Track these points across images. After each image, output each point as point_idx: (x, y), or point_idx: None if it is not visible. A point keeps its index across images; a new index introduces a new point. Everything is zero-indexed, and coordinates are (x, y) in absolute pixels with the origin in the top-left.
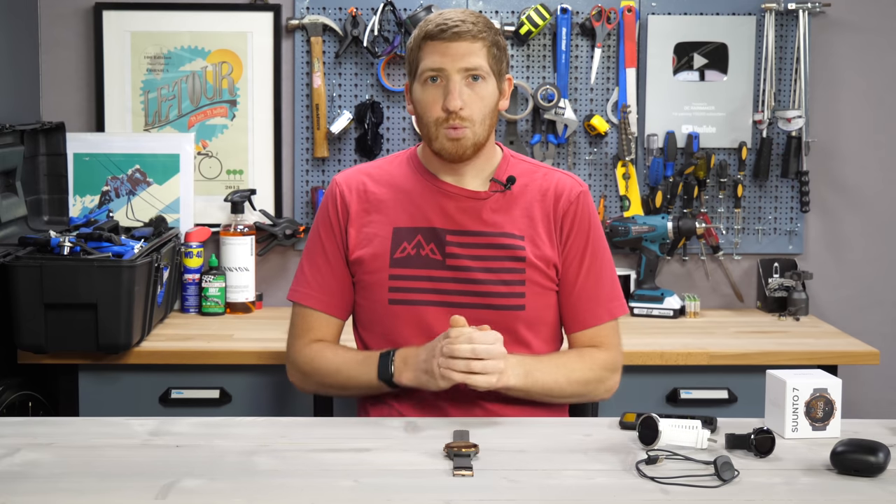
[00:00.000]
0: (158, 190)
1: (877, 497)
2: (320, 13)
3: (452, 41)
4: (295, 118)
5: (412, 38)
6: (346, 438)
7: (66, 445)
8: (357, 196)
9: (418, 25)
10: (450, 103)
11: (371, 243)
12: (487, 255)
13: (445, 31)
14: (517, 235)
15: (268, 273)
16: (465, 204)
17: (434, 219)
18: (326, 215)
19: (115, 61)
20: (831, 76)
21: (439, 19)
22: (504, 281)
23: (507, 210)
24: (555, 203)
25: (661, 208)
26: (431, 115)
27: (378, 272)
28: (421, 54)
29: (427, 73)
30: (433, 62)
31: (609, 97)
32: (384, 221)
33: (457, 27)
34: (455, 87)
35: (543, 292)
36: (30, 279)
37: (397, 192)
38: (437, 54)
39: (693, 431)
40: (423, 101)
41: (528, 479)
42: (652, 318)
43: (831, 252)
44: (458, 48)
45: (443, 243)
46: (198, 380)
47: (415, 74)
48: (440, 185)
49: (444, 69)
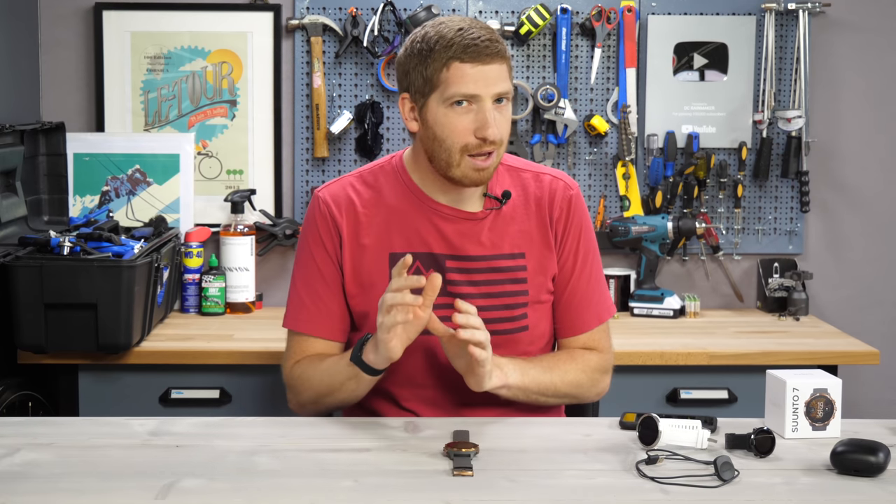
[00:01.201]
0: (158, 190)
1: (877, 497)
2: (320, 13)
3: (485, 64)
4: (295, 118)
5: (427, 50)
6: (346, 438)
7: (66, 445)
8: (347, 218)
9: (425, 36)
10: (489, 133)
11: (367, 271)
12: (488, 279)
13: (479, 54)
14: (518, 254)
15: (268, 273)
16: (462, 227)
17: (432, 244)
18: (318, 235)
19: (115, 61)
20: (831, 76)
21: (464, 37)
22: (506, 305)
23: (504, 228)
24: (549, 208)
25: (661, 208)
26: (459, 141)
27: (374, 302)
28: (448, 75)
29: (458, 97)
30: (466, 87)
31: (609, 97)
32: (378, 247)
33: (487, 48)
34: (490, 115)
35: (542, 307)
36: (30, 279)
37: (389, 212)
38: (471, 79)
39: (693, 431)
40: (448, 126)
41: (528, 479)
42: (652, 318)
43: (831, 252)
44: (491, 72)
45: (442, 270)
46: (198, 380)
47: (430, 92)
48: (434, 206)
49: (479, 95)
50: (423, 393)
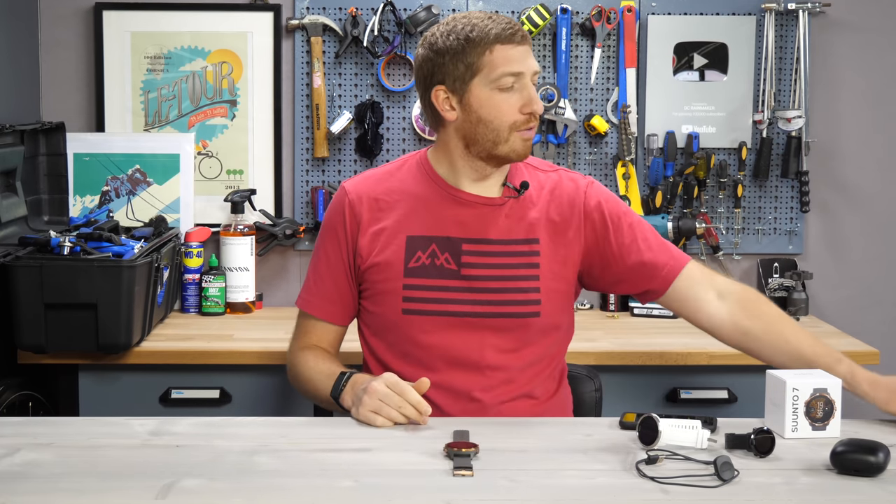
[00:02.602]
0: (158, 190)
1: (877, 497)
2: (320, 13)
3: (522, 45)
4: (295, 118)
5: (464, 39)
6: (346, 438)
7: (66, 445)
8: (368, 205)
9: (463, 30)
10: (537, 107)
11: (384, 252)
12: (503, 262)
13: (515, 36)
14: (533, 240)
15: (268, 273)
16: (481, 211)
17: (450, 227)
18: (332, 225)
19: (115, 61)
20: (831, 76)
21: (497, 23)
22: (520, 289)
23: (522, 215)
24: (570, 206)
25: (661, 208)
26: (508, 118)
27: (392, 281)
28: (493, 57)
29: (507, 77)
30: (512, 66)
31: (609, 97)
32: (397, 230)
33: (521, 31)
34: (534, 89)
35: (559, 297)
36: (30, 279)
37: (410, 199)
38: (515, 60)
39: (693, 431)
40: (496, 106)
41: (528, 479)
42: (652, 318)
43: (831, 252)
44: (528, 53)
45: (458, 253)
46: (198, 380)
47: (472, 77)
48: (454, 192)
49: (523, 73)
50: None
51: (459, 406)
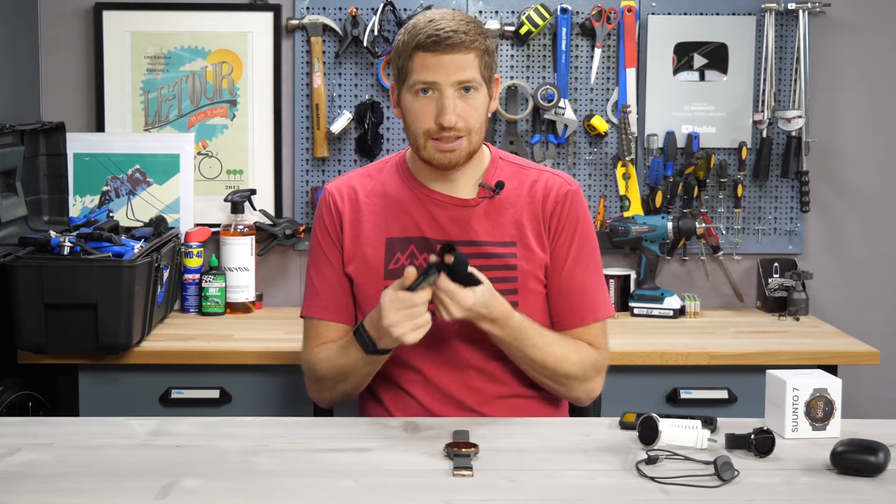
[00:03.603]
0: (158, 190)
1: (877, 497)
2: (320, 13)
3: (445, 54)
4: (295, 118)
5: (401, 41)
6: (346, 438)
7: (66, 445)
8: (349, 205)
9: (406, 27)
10: (444, 119)
11: (365, 255)
12: (479, 265)
13: (439, 44)
14: (508, 242)
15: (268, 273)
16: (454, 213)
17: (425, 228)
18: (323, 225)
19: (115, 61)
20: (831, 76)
21: (430, 28)
22: (497, 291)
23: (496, 216)
24: (542, 203)
25: (661, 208)
26: (422, 126)
27: (373, 284)
28: (412, 64)
29: (418, 85)
30: (425, 75)
31: (609, 97)
32: (377, 232)
33: (449, 38)
34: (449, 102)
35: (536, 298)
36: (30, 279)
37: (388, 201)
38: (430, 68)
39: (693, 431)
40: (413, 111)
41: (528, 479)
42: (652, 318)
43: (831, 252)
44: (452, 61)
45: (435, 253)
46: (198, 380)
47: (404, 81)
48: (429, 193)
49: (438, 83)
50: (432, 387)
51: (448, 407)
